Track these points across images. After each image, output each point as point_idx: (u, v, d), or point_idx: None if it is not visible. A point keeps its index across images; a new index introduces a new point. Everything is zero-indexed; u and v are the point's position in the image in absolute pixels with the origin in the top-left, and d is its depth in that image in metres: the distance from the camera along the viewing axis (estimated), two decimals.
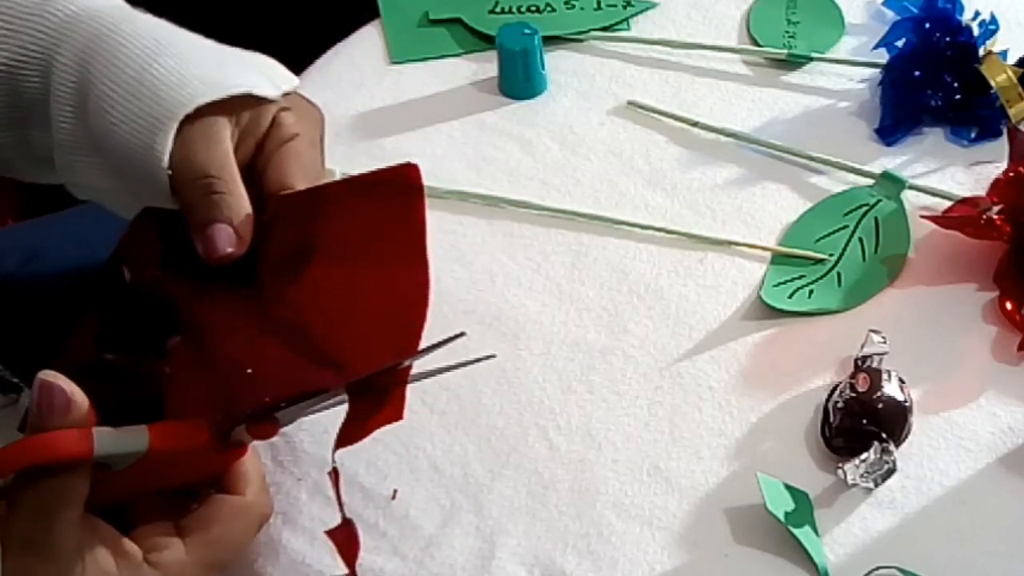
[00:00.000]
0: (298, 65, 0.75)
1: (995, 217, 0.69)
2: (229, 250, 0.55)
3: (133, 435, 0.49)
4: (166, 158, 0.56)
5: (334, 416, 0.65)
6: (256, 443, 0.64)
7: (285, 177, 0.58)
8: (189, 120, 0.56)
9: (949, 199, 0.73)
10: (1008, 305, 0.68)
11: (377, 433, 0.64)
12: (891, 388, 0.62)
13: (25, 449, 0.47)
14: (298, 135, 0.59)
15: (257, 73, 0.59)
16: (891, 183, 0.74)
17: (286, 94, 0.60)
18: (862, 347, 0.63)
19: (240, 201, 0.56)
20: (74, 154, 0.59)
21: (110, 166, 0.58)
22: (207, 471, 0.54)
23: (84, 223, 0.85)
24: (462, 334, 0.53)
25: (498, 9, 0.85)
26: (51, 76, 0.58)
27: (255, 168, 0.59)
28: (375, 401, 0.53)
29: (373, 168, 0.58)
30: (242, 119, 0.58)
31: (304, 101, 0.62)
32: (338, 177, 0.63)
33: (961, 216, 0.70)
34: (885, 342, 0.62)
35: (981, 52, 0.76)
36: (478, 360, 0.56)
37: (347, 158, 0.76)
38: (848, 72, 0.81)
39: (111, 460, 0.48)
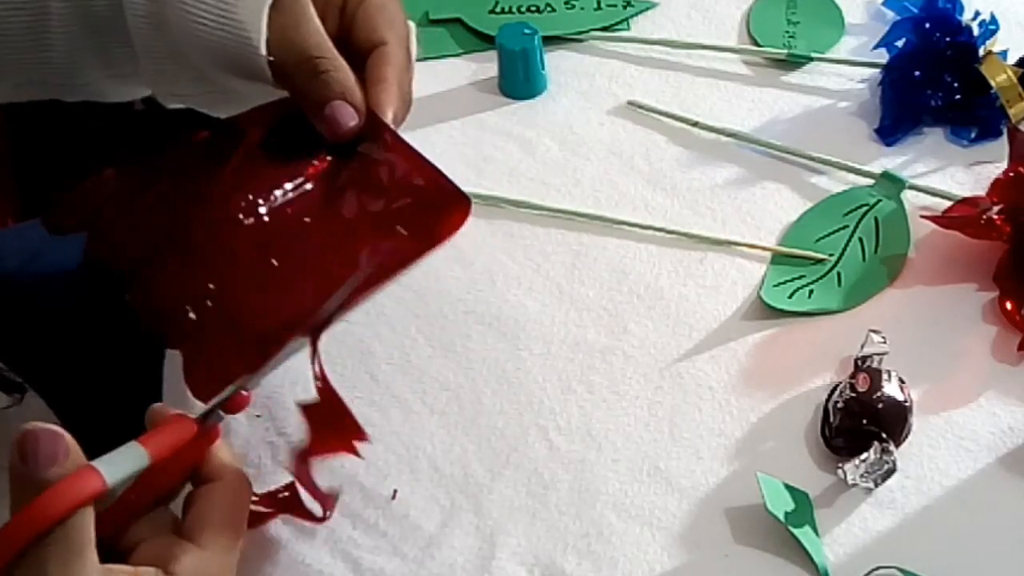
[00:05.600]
0: None
1: (995, 217, 0.69)
2: (352, 124, 0.56)
3: (131, 454, 0.48)
4: (263, 46, 0.55)
5: None
6: (255, 443, 0.65)
7: (374, 33, 0.58)
8: (273, 2, 0.56)
9: (949, 199, 0.73)
10: (1008, 305, 0.68)
11: (377, 433, 0.65)
12: (891, 388, 0.62)
13: (42, 509, 0.44)
14: None
15: None
16: (891, 183, 0.74)
17: None
18: (862, 347, 0.63)
19: (347, 74, 0.56)
20: (158, 63, 0.59)
21: (196, 70, 0.58)
22: (187, 470, 0.53)
23: None
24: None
25: (498, 9, 0.86)
26: None
27: (340, 34, 0.58)
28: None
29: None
30: None
31: None
32: (414, 32, 0.63)
33: (961, 216, 0.70)
34: (885, 342, 0.62)
35: (981, 52, 0.76)
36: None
37: None
38: (848, 72, 0.81)
39: (117, 487, 0.47)
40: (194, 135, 0.59)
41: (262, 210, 0.55)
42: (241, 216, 0.55)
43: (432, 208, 0.55)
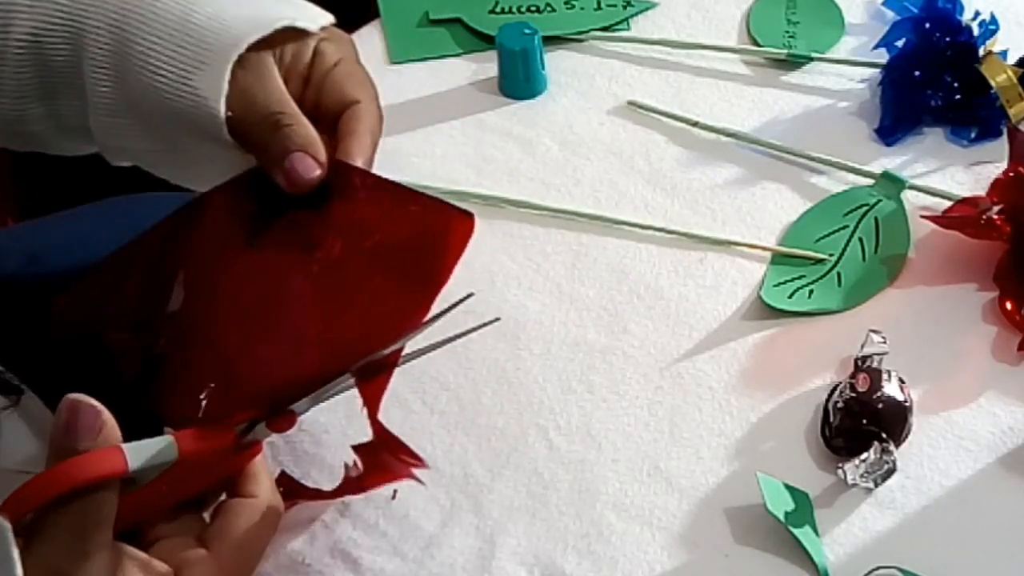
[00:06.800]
0: None
1: (995, 217, 0.69)
2: (315, 174, 0.56)
3: (162, 446, 0.49)
4: (222, 105, 0.56)
5: (333, 416, 0.65)
6: None
7: (345, 95, 0.58)
8: (238, 62, 0.56)
9: (949, 199, 0.73)
10: (1008, 305, 0.68)
11: None
12: (891, 388, 0.62)
13: (60, 475, 0.45)
14: (342, 59, 0.60)
15: (294, 8, 0.60)
16: (891, 183, 0.74)
17: (323, 28, 0.61)
18: (862, 347, 0.63)
19: (308, 129, 0.56)
20: (113, 117, 0.59)
21: (151, 126, 0.59)
22: (223, 475, 0.54)
23: (84, 224, 0.85)
24: (469, 295, 0.54)
25: (498, 9, 0.86)
26: (83, 42, 0.58)
27: (306, 101, 0.59)
28: (383, 379, 0.55)
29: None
30: (285, 55, 0.58)
31: (339, 32, 0.62)
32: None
33: (961, 216, 0.70)
34: (885, 342, 0.62)
35: (981, 52, 0.76)
36: (484, 325, 0.57)
37: None
38: (848, 72, 0.81)
39: (140, 474, 0.48)
40: (169, 219, 0.59)
41: (243, 275, 0.56)
42: (225, 283, 0.55)
43: (433, 233, 0.55)
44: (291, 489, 0.61)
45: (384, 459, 0.58)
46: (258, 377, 0.53)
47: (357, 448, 0.58)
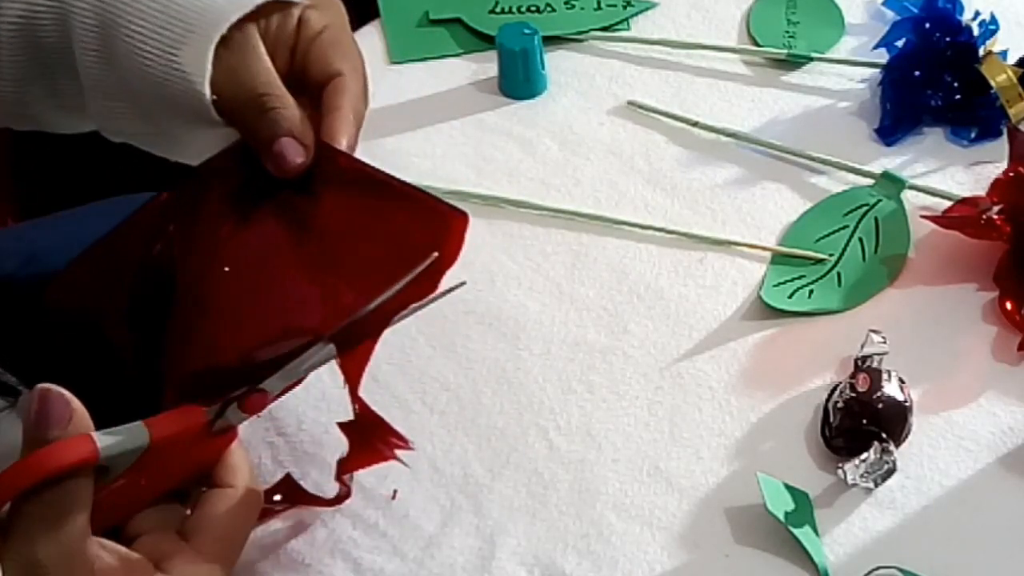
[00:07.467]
0: None
1: (995, 217, 0.69)
2: (299, 160, 0.56)
3: (132, 431, 0.48)
4: (207, 85, 0.56)
5: (333, 416, 0.65)
6: (255, 443, 0.65)
7: (329, 66, 0.58)
8: (222, 41, 0.56)
9: (949, 199, 0.73)
10: (1008, 305, 0.68)
11: None
12: (891, 388, 0.62)
13: (31, 465, 0.45)
14: (328, 26, 0.59)
15: None
16: (891, 183, 0.74)
17: None
18: (862, 347, 0.63)
19: (294, 112, 0.56)
20: (107, 100, 0.59)
21: (142, 107, 0.59)
22: (201, 464, 0.53)
23: (84, 223, 0.85)
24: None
25: (498, 9, 0.86)
26: (70, 23, 0.58)
27: (294, 71, 0.59)
28: (363, 354, 0.55)
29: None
30: (270, 27, 0.58)
31: None
32: None
33: (961, 216, 0.70)
34: (885, 342, 0.62)
35: (981, 52, 0.76)
36: (451, 290, 0.56)
37: None
38: (848, 72, 0.81)
39: (114, 461, 0.48)
40: (158, 197, 0.59)
41: (234, 257, 0.56)
42: (215, 265, 0.55)
43: (423, 229, 0.54)
44: (293, 494, 0.61)
45: (369, 438, 0.58)
46: (248, 358, 0.53)
47: (342, 426, 0.58)
